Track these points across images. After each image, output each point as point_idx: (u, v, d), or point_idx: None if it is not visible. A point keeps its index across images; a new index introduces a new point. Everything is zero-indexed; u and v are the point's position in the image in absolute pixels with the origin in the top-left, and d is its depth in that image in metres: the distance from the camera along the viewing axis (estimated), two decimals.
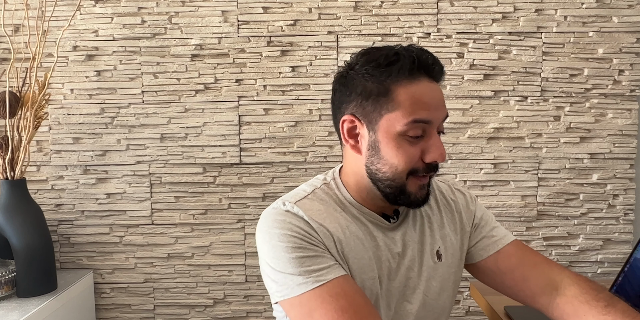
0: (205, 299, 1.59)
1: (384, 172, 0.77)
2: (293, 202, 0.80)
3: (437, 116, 0.76)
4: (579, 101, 1.53)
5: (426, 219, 0.87)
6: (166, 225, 1.58)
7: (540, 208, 1.56)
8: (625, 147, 1.53)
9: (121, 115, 1.56)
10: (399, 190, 0.77)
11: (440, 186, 0.94)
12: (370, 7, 1.52)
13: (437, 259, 0.85)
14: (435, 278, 0.85)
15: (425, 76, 0.76)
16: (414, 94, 0.75)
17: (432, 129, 0.76)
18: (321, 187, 0.84)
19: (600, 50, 1.52)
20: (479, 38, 1.52)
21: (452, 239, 0.88)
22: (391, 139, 0.76)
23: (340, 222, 0.79)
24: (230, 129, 1.55)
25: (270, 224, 0.77)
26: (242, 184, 1.56)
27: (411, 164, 0.76)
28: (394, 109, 0.75)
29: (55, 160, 1.57)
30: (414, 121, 0.74)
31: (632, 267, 1.13)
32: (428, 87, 0.76)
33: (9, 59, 1.48)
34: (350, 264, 0.78)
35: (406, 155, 0.75)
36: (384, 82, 0.76)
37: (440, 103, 0.77)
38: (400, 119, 0.75)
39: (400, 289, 0.82)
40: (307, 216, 0.77)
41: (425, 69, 0.76)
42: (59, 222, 1.58)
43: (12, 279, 1.34)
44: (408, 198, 0.78)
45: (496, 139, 1.54)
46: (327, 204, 0.81)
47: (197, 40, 1.53)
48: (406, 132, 0.75)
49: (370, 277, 0.79)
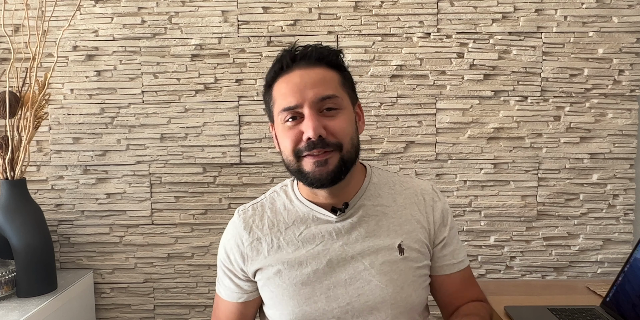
0: (205, 299, 1.59)
1: (285, 158, 0.87)
2: (241, 209, 0.95)
3: (303, 98, 0.82)
4: (579, 101, 1.53)
5: (381, 213, 0.90)
6: (166, 225, 1.58)
7: (540, 208, 1.56)
8: (625, 147, 1.53)
9: (121, 115, 1.56)
10: (298, 172, 0.85)
11: (420, 184, 0.96)
12: (370, 7, 1.52)
13: (398, 253, 0.87)
14: (395, 271, 0.86)
15: (300, 66, 0.85)
16: (282, 85, 0.85)
17: (305, 110, 0.82)
18: (277, 191, 0.96)
19: (600, 50, 1.52)
20: (479, 38, 1.52)
21: (418, 235, 0.90)
22: (280, 129, 0.86)
23: (275, 226, 0.91)
24: (230, 129, 1.55)
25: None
26: (242, 184, 1.56)
27: (292, 144, 0.84)
28: (274, 103, 0.87)
29: (55, 160, 1.57)
30: (283, 110, 0.84)
31: (632, 267, 1.13)
32: (298, 74, 0.84)
33: (9, 59, 1.48)
34: (282, 259, 0.88)
35: (287, 138, 0.84)
36: (269, 83, 0.88)
37: (308, 85, 0.83)
38: (277, 110, 0.86)
39: (348, 280, 0.86)
40: (243, 225, 0.92)
41: (294, 60, 0.85)
42: (59, 222, 1.58)
43: (12, 279, 1.34)
44: (307, 178, 0.84)
45: (496, 139, 1.54)
46: (270, 210, 0.93)
47: (197, 40, 1.53)
48: (284, 119, 0.84)
49: (312, 271, 0.86)
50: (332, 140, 0.82)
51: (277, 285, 0.88)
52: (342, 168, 0.83)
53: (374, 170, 0.96)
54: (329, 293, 0.85)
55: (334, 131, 0.82)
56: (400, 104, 1.53)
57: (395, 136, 1.54)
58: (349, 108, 0.87)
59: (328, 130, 0.82)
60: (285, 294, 0.87)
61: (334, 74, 0.87)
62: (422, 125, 1.54)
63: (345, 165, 0.84)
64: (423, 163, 1.55)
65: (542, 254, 1.56)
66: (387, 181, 0.94)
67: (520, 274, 1.57)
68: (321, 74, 0.84)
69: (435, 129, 1.54)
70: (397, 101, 1.53)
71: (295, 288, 0.86)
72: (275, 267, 0.88)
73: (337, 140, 0.83)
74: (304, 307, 0.85)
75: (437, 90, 1.53)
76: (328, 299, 0.85)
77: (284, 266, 0.87)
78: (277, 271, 0.87)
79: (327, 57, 0.86)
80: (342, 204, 0.88)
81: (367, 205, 0.90)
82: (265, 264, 0.89)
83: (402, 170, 1.54)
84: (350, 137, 0.85)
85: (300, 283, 0.86)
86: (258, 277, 0.90)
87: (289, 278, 0.87)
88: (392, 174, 0.97)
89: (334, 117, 0.83)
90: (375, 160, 1.54)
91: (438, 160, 1.55)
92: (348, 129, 0.84)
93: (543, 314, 1.12)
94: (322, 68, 0.85)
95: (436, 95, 1.53)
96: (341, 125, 0.83)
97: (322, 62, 0.86)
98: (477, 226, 1.56)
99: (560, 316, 1.10)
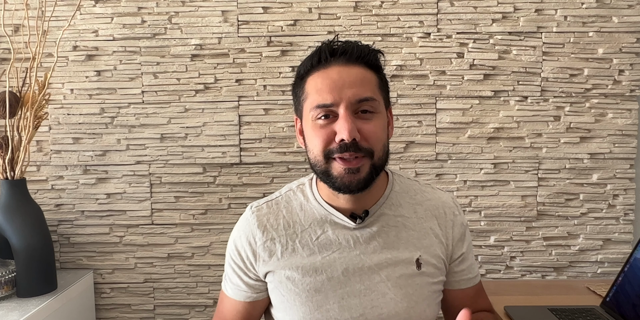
0: (205, 299, 1.59)
1: (312, 157, 0.82)
2: (254, 206, 0.91)
3: (340, 97, 0.78)
4: (579, 101, 1.53)
5: (401, 224, 0.87)
6: (166, 225, 1.58)
7: (540, 208, 1.56)
8: (625, 147, 1.53)
9: (121, 115, 1.56)
10: (325, 174, 0.81)
11: (441, 197, 0.93)
12: (370, 7, 1.52)
13: (416, 268, 0.85)
14: (411, 286, 0.85)
15: (338, 62, 0.81)
16: (317, 80, 0.81)
17: (340, 110, 0.78)
18: (293, 189, 0.92)
19: (600, 50, 1.52)
20: (479, 38, 1.52)
21: (435, 250, 0.88)
22: (309, 125, 0.82)
23: (290, 227, 0.87)
24: (230, 129, 1.55)
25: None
26: (242, 184, 1.56)
27: (323, 144, 0.80)
28: (306, 97, 0.83)
29: (55, 160, 1.57)
30: (317, 106, 0.79)
31: (632, 267, 1.14)
32: (336, 71, 0.80)
33: (9, 59, 1.48)
34: (297, 264, 0.85)
35: (318, 137, 0.80)
36: (302, 75, 0.84)
37: (346, 84, 0.79)
38: (309, 105, 0.81)
39: (363, 291, 0.84)
40: (257, 223, 0.88)
41: (333, 54, 0.81)
42: (59, 222, 1.58)
43: (12, 279, 1.34)
44: (334, 182, 0.81)
45: (496, 139, 1.54)
46: (286, 209, 0.89)
47: (197, 40, 1.53)
48: (315, 116, 0.80)
49: (327, 278, 0.84)
50: (364, 146, 0.79)
51: (289, 290, 0.85)
52: (372, 175, 0.80)
53: (395, 178, 0.93)
54: (343, 302, 0.83)
55: (367, 136, 0.79)
56: (400, 104, 1.53)
57: (395, 136, 1.54)
58: (384, 112, 0.84)
59: (362, 134, 0.78)
60: (297, 299, 0.84)
61: (373, 75, 0.83)
62: (422, 125, 1.54)
63: (376, 173, 0.81)
64: (423, 163, 1.55)
65: (542, 254, 1.56)
66: (408, 189, 0.92)
67: (520, 274, 1.57)
68: (361, 74, 0.81)
69: (435, 129, 1.54)
70: (397, 101, 1.53)
71: (308, 294, 0.84)
72: (288, 271, 0.85)
73: (370, 146, 0.79)
74: (316, 314, 0.83)
75: (437, 90, 1.53)
76: (341, 308, 0.83)
77: (297, 271, 0.84)
78: (290, 276, 0.85)
79: (367, 55, 0.82)
80: (362, 211, 0.86)
81: (388, 215, 0.87)
82: (278, 266, 0.86)
83: (404, 169, 1.54)
84: (383, 144, 0.82)
85: (313, 290, 0.84)
86: (269, 278, 0.88)
87: (302, 284, 0.84)
88: (414, 182, 0.94)
89: (370, 120, 0.80)
90: None
91: (438, 160, 1.55)
92: (381, 135, 0.81)
93: (543, 314, 1.12)
94: (362, 67, 0.81)
95: (436, 95, 1.53)
96: (376, 131, 0.80)
97: (361, 61, 0.82)
98: (477, 226, 1.56)
99: (560, 316, 1.10)
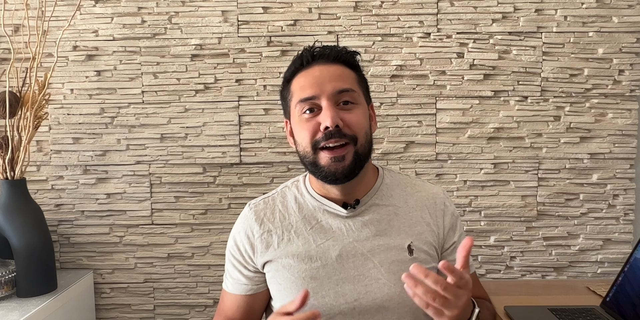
0: (205, 299, 1.59)
1: (301, 150, 0.89)
2: (252, 203, 0.97)
3: (322, 89, 0.85)
4: (579, 101, 1.53)
5: (393, 213, 0.91)
6: (166, 225, 1.58)
7: (540, 208, 1.56)
8: (625, 147, 1.53)
9: (121, 115, 1.56)
10: (313, 165, 0.87)
11: (431, 189, 0.97)
12: (370, 7, 1.52)
13: (408, 254, 0.88)
14: (404, 271, 0.86)
15: (319, 62, 0.89)
16: (301, 79, 0.89)
17: (323, 102, 0.85)
18: (288, 186, 0.98)
19: (600, 50, 1.52)
20: (479, 38, 1.52)
21: (427, 237, 0.91)
22: (296, 121, 0.88)
23: (285, 219, 0.92)
24: (230, 129, 1.55)
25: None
26: (242, 184, 1.56)
27: (310, 136, 0.86)
28: (292, 97, 0.90)
29: (55, 160, 1.57)
30: (300, 100, 0.87)
31: (632, 267, 1.14)
32: (317, 69, 0.88)
33: (9, 59, 1.48)
34: (292, 252, 0.89)
35: (305, 129, 0.86)
36: (288, 79, 0.92)
37: (326, 79, 0.86)
38: (295, 102, 0.88)
39: (357, 277, 0.86)
40: (254, 217, 0.94)
41: (313, 56, 0.90)
42: (59, 222, 1.58)
43: (12, 279, 1.34)
44: (322, 171, 0.86)
45: (496, 139, 1.54)
46: (282, 203, 0.95)
47: (197, 40, 1.53)
48: (301, 111, 0.87)
49: (321, 265, 0.87)
50: (348, 132, 0.84)
51: (285, 278, 0.88)
52: (356, 163, 0.85)
53: (386, 172, 0.98)
54: (337, 289, 0.86)
55: (350, 123, 0.85)
56: (400, 104, 1.53)
57: (395, 136, 1.54)
58: (364, 104, 0.90)
59: (345, 122, 0.85)
60: (294, 287, 0.87)
61: (351, 72, 0.91)
62: (422, 125, 1.54)
63: (359, 160, 0.86)
64: (423, 163, 1.55)
65: (542, 254, 1.56)
66: (399, 183, 0.97)
67: (520, 274, 1.57)
68: (339, 70, 0.89)
69: (435, 129, 1.54)
70: (397, 101, 1.53)
71: (304, 282, 0.87)
72: (284, 259, 0.89)
73: (353, 132, 0.85)
74: (312, 301, 0.86)
75: (437, 90, 1.53)
76: (336, 294, 0.86)
77: (293, 259, 0.88)
78: (287, 264, 0.89)
79: (344, 56, 0.91)
80: (353, 201, 0.90)
81: (379, 205, 0.92)
82: (275, 256, 0.90)
83: (404, 169, 1.54)
84: (365, 132, 0.87)
85: (309, 277, 0.87)
86: (267, 268, 0.92)
87: (298, 271, 0.88)
88: (404, 176, 0.99)
89: (351, 110, 0.86)
90: (376, 160, 1.54)
91: (438, 160, 1.55)
92: (363, 122, 0.87)
93: (543, 314, 1.12)
94: (341, 66, 0.90)
95: (436, 95, 1.53)
96: (357, 119, 0.86)
97: (340, 61, 0.90)
98: (477, 226, 1.56)
99: (560, 316, 1.10)
